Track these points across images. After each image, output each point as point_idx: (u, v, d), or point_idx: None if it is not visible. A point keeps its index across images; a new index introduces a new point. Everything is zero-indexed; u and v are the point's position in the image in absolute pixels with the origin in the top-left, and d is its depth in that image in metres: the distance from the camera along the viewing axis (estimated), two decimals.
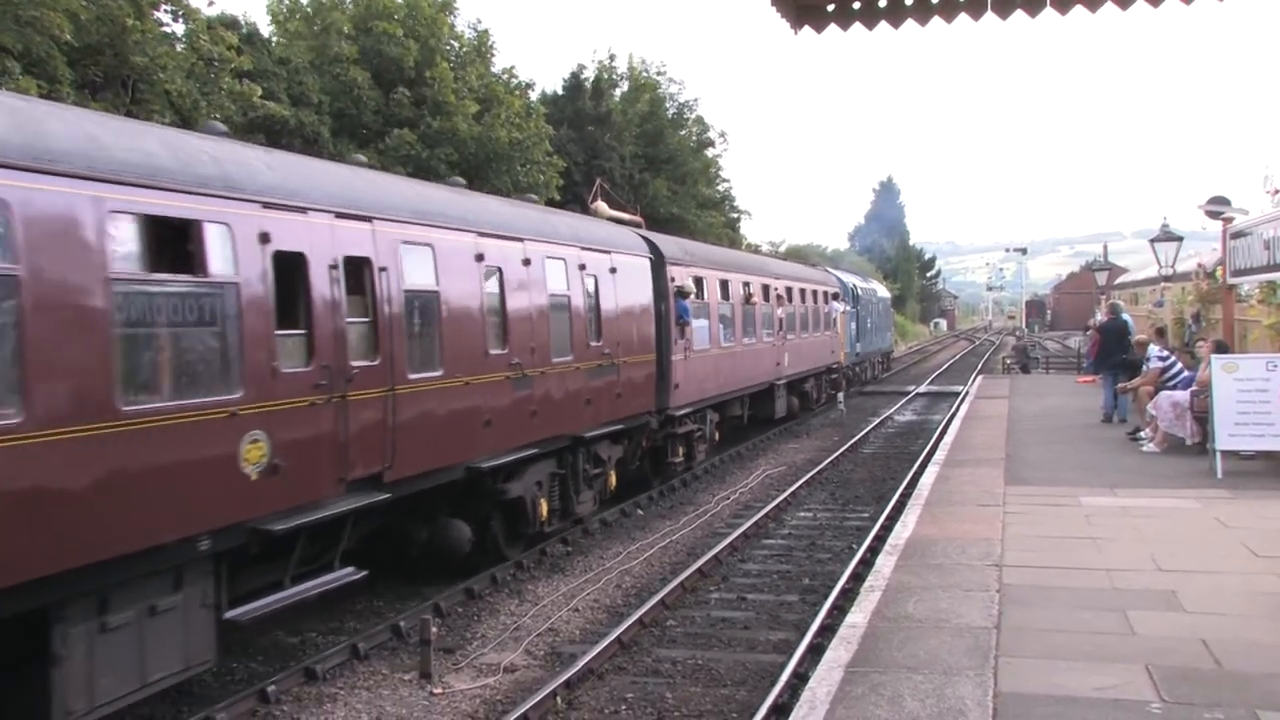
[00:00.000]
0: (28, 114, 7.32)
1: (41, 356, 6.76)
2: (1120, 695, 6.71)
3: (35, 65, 17.88)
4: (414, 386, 10.79)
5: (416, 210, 11.45)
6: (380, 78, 30.65)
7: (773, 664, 9.95)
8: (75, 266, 7.09)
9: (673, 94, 53.45)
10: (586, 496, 15.58)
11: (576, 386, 14.69)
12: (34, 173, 6.88)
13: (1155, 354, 18.95)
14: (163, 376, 7.88)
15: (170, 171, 8.04)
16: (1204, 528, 11.65)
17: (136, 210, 7.65)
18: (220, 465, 8.23)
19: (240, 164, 9.06)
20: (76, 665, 7.15)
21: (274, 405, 8.76)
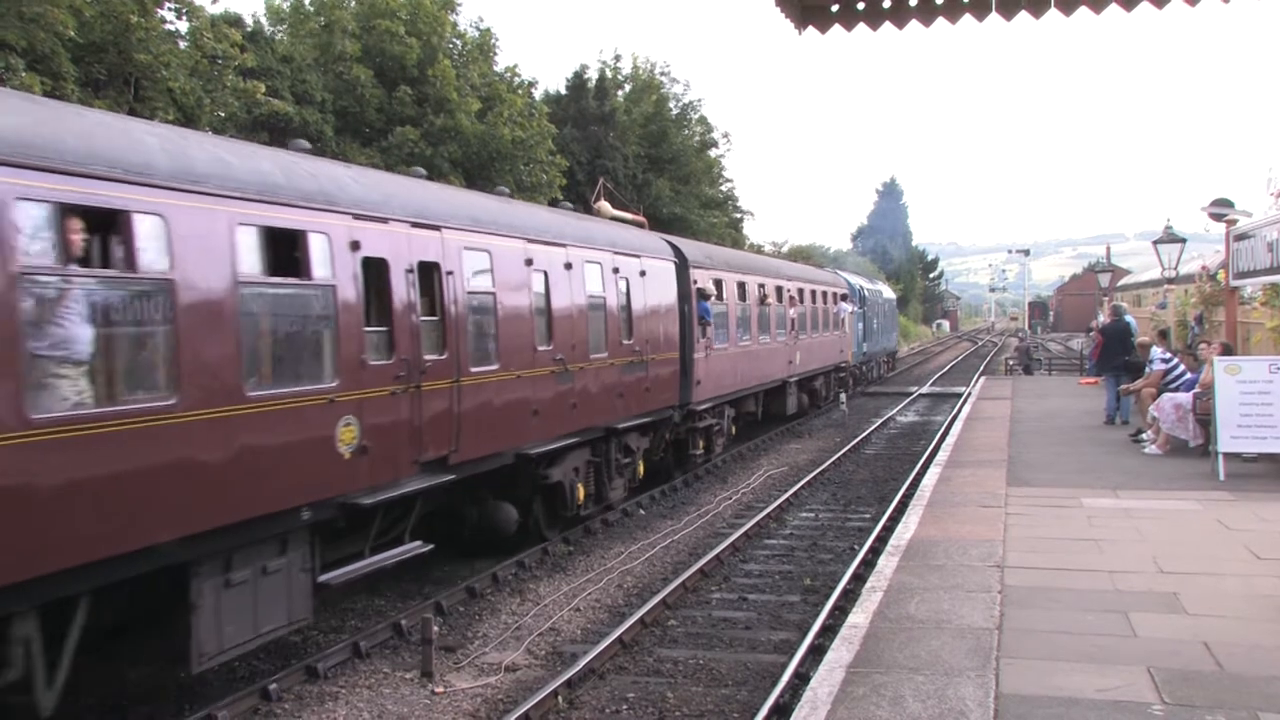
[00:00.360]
0: (176, 142, 8.54)
1: (191, 350, 7.92)
2: (1122, 697, 6.71)
3: (39, 62, 17.92)
4: (475, 379, 11.92)
5: (475, 219, 12.56)
6: (383, 76, 30.69)
7: (774, 664, 9.95)
8: (214, 272, 8.23)
9: (677, 94, 53.54)
10: (618, 484, 16.67)
11: (611, 381, 15.75)
12: (182, 192, 8.02)
13: (1158, 356, 18.96)
14: (277, 367, 9.03)
15: (281, 188, 9.19)
16: (1206, 530, 11.65)
17: (256, 222, 8.78)
18: (320, 445, 9.35)
19: (333, 180, 10.21)
20: (208, 614, 8.35)
21: (363, 393, 9.88)
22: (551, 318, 13.94)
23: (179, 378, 7.79)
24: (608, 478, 16.14)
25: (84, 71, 19.57)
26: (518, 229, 13.47)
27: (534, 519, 14.16)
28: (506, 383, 12.63)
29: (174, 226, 7.83)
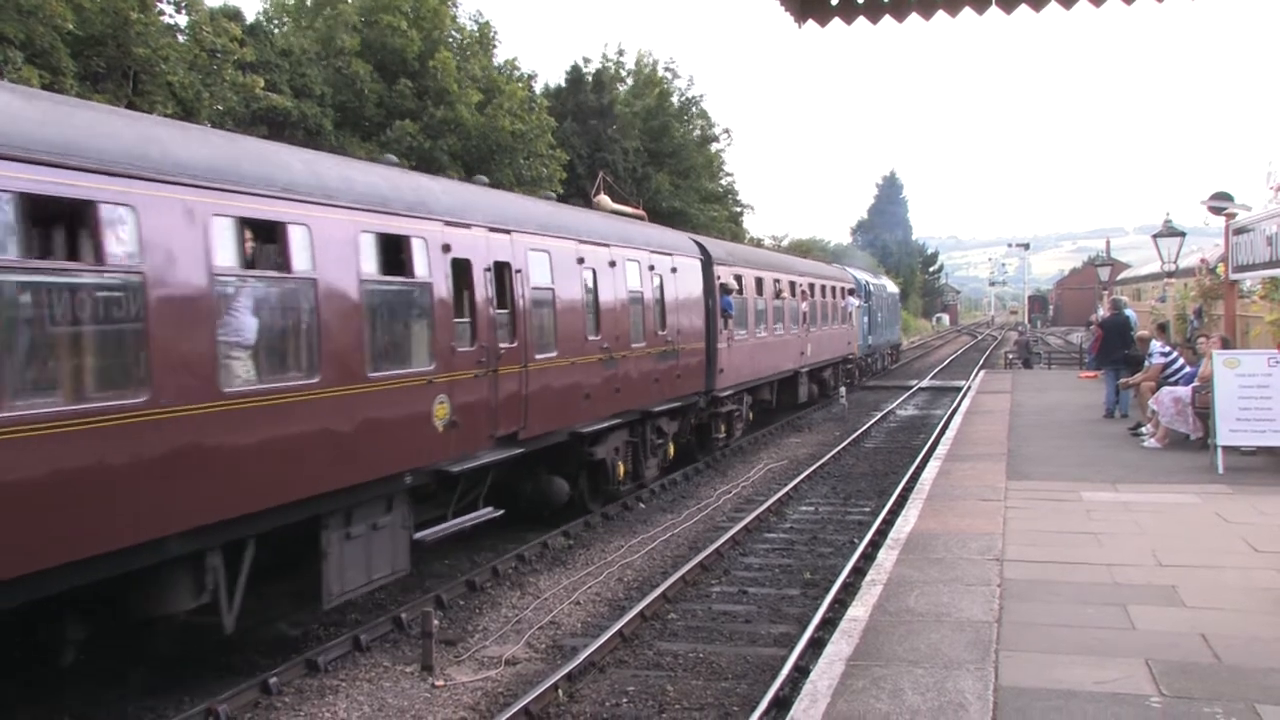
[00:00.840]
0: (312, 163, 10.13)
1: (328, 337, 9.47)
2: (1120, 689, 6.72)
3: (38, 56, 17.91)
4: (539, 364, 13.55)
5: (538, 223, 14.17)
6: (383, 69, 30.64)
7: (774, 657, 9.97)
8: (344, 272, 9.78)
9: (680, 89, 53.50)
10: (651, 463, 18.25)
11: (647, 368, 17.38)
12: (321, 205, 9.56)
13: (1157, 350, 18.97)
14: (390, 352, 10.58)
15: (390, 200, 10.76)
16: (1205, 523, 11.66)
17: (373, 229, 10.32)
18: (420, 420, 10.89)
19: (428, 191, 11.89)
20: (335, 561, 9.83)
21: (453, 376, 11.46)
22: (599, 310, 15.58)
23: (320, 361, 9.38)
24: (643, 456, 17.72)
25: (83, 65, 19.56)
26: (571, 231, 15.09)
27: (580, 492, 15.62)
28: (564, 368, 14.27)
29: (315, 234, 9.40)
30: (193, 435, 7.98)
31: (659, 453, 18.59)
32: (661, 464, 18.82)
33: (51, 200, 7.06)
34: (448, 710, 8.99)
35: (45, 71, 17.64)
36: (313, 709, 8.99)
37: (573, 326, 14.64)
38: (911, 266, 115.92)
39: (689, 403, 19.56)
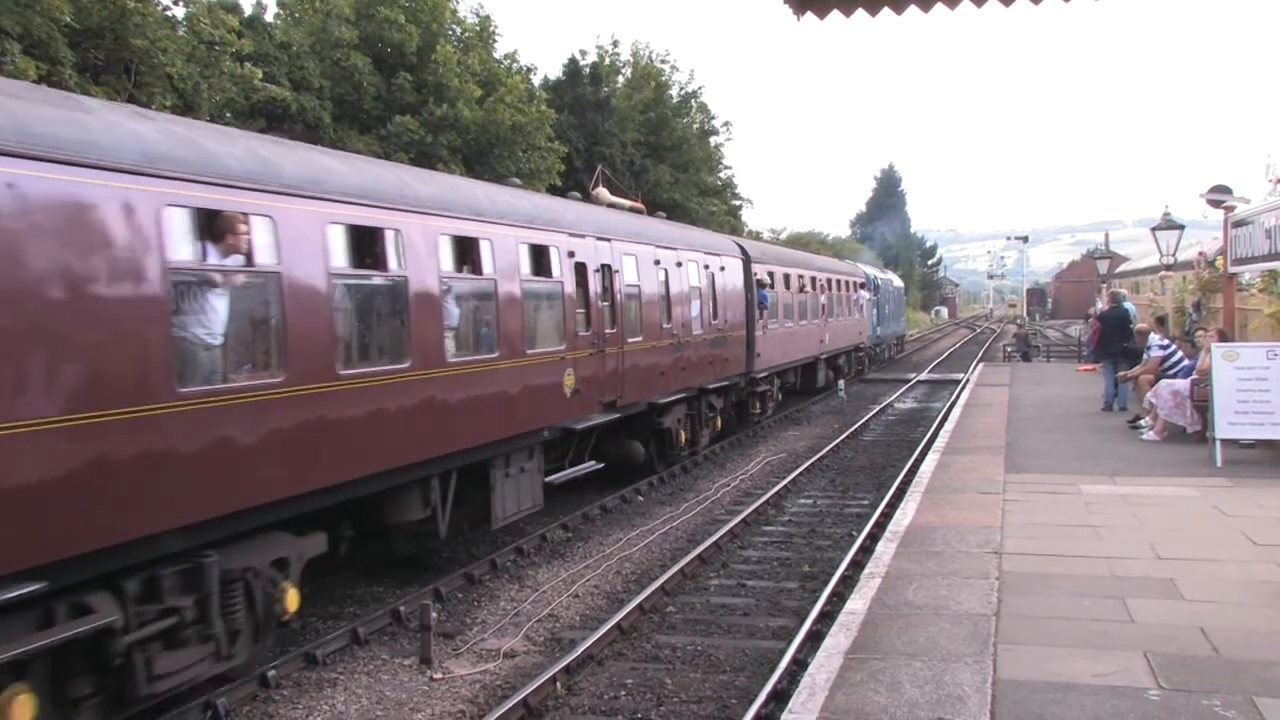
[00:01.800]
0: (490, 190, 13.74)
1: (504, 324, 12.60)
2: (1119, 682, 6.73)
3: (36, 47, 17.86)
4: (631, 347, 16.71)
5: (627, 232, 17.47)
6: (381, 64, 30.57)
7: (772, 650, 9.97)
8: (510, 274, 12.88)
9: (679, 81, 53.43)
10: (705, 433, 21.16)
11: (704, 352, 20.40)
12: (499, 225, 12.80)
13: (1156, 343, 18.97)
14: (538, 334, 13.63)
15: (536, 219, 14.03)
16: (1203, 516, 11.67)
17: (528, 242, 13.49)
18: (555, 387, 14.00)
19: (559, 209, 15.44)
20: (499, 493, 12.75)
21: (576, 354, 14.66)
22: (670, 303, 18.66)
23: (499, 340, 12.45)
24: (699, 427, 20.72)
25: (81, 57, 19.50)
26: (649, 238, 18.35)
27: (650, 455, 18.37)
28: (646, 350, 17.42)
29: (495, 246, 12.53)
30: (431, 390, 11.00)
31: (710, 424, 21.59)
32: (712, 434, 21.90)
33: (366, 230, 10.27)
34: (446, 703, 9.00)
35: (43, 63, 17.59)
36: (311, 702, 8.99)
37: (652, 316, 17.84)
38: (910, 259, 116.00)
39: (733, 382, 22.60)
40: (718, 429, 22.37)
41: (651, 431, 18.19)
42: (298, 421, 8.97)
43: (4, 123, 6.65)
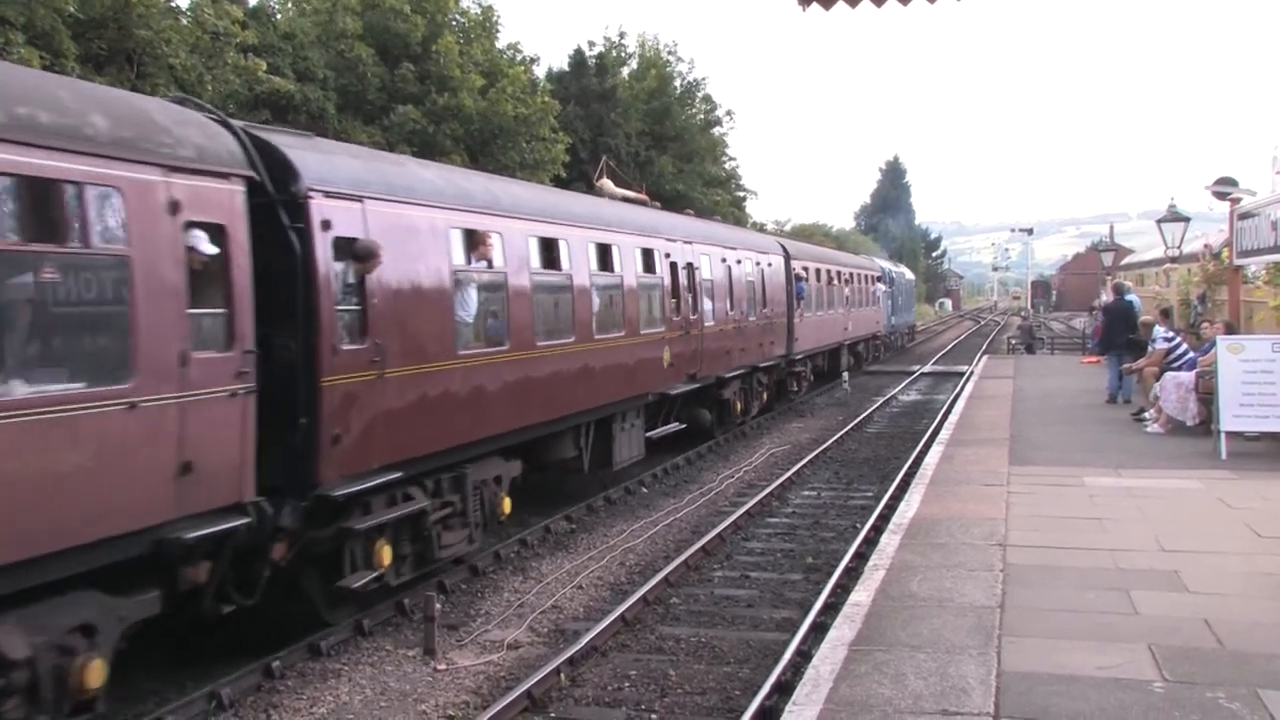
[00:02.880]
0: (620, 209, 17.90)
1: (628, 310, 16.19)
2: (1123, 674, 6.72)
3: (39, 38, 17.83)
4: (706, 330, 20.10)
5: (703, 236, 21.12)
6: (385, 54, 30.52)
7: (776, 642, 9.97)
8: (630, 272, 16.52)
9: (681, 72, 53.31)
10: (754, 405, 24.56)
11: (756, 336, 23.79)
12: (626, 234, 16.75)
13: (1161, 335, 18.93)
14: (645, 318, 17.06)
15: (646, 228, 17.97)
16: (1208, 508, 11.66)
17: (641, 246, 17.16)
18: (656, 361, 17.48)
19: (660, 220, 19.66)
20: (619, 441, 16.34)
21: (671, 334, 18.16)
22: (733, 293, 22.05)
23: (624, 322, 16.13)
24: (750, 399, 23.99)
25: (84, 48, 19.48)
26: (719, 240, 22.11)
27: (712, 422, 21.41)
28: (716, 333, 20.69)
29: (621, 252, 16.20)
30: (585, 359, 14.62)
31: (759, 398, 24.84)
32: (760, 406, 25.06)
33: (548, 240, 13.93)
34: (450, 694, 9.00)
35: (46, 54, 17.58)
36: (315, 692, 9.00)
37: (721, 305, 21.17)
38: (915, 252, 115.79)
39: (775, 363, 25.89)
40: (764, 402, 25.52)
41: (714, 401, 21.40)
42: (516, 378, 12.62)
43: (373, 178, 10.45)
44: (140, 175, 7.46)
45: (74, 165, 6.93)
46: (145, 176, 7.51)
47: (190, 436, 7.74)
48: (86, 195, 7.06)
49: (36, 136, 6.65)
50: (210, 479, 7.95)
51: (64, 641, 7.04)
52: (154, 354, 7.41)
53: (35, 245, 6.78)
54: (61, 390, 6.82)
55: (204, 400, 7.86)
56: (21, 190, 6.64)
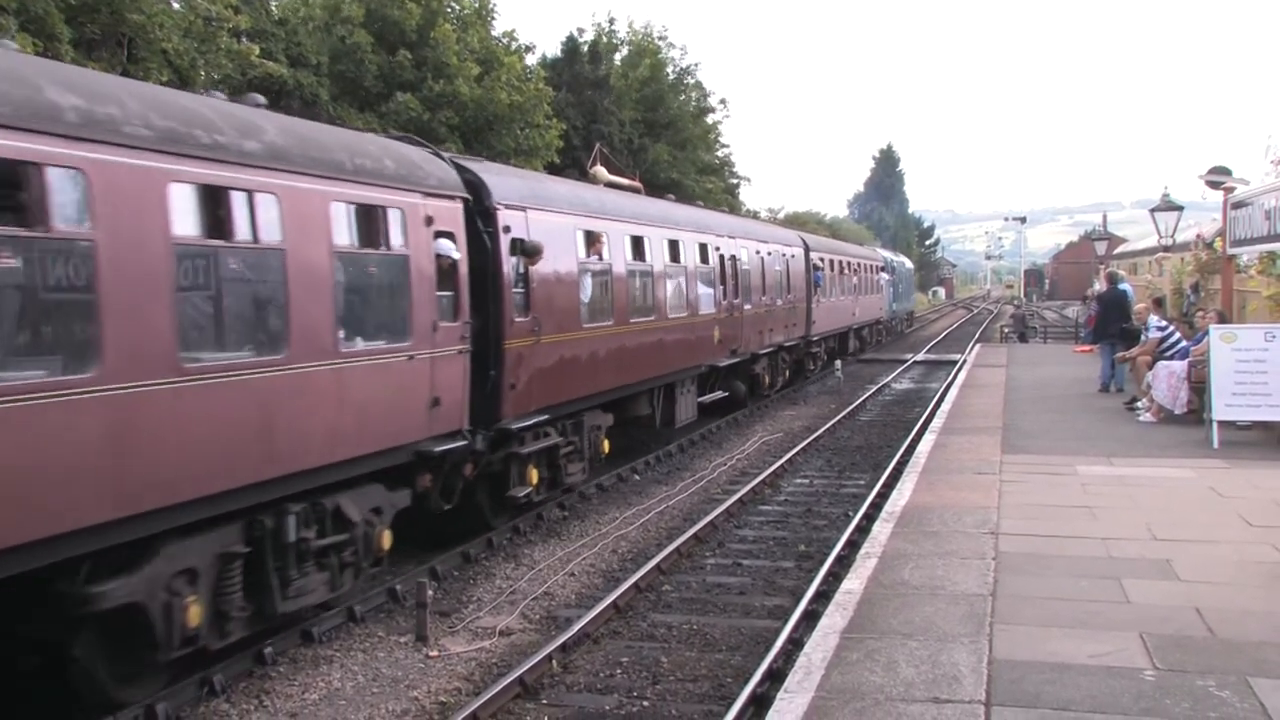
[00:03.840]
0: (665, 208, 20.54)
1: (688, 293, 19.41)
2: (1114, 662, 6.74)
3: (32, 22, 17.72)
4: (746, 313, 23.17)
5: (742, 231, 24.55)
6: (382, 40, 30.43)
7: (768, 629, 9.98)
8: (694, 262, 19.78)
9: (674, 59, 53.16)
10: (780, 379, 27.97)
11: (782, 318, 27.03)
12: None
13: (1154, 324, 18.95)
14: (702, 302, 20.07)
15: (702, 225, 21.20)
16: (1199, 497, 11.69)
17: (699, 241, 20.14)
18: (709, 338, 20.36)
19: (711, 218, 23.21)
20: (679, 403, 18.93)
21: (718, 316, 21.10)
22: (765, 281, 25.18)
23: (687, 305, 19.16)
24: (776, 374, 27.30)
25: (77, 32, 19.37)
26: (753, 234, 25.37)
27: (745, 392, 24.36)
28: (752, 316, 23.69)
29: (684, 246, 19.11)
30: (660, 334, 17.70)
31: (783, 373, 28.30)
32: (784, 379, 28.66)
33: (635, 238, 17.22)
34: (442, 680, 9.01)
35: (39, 38, 17.47)
36: (307, 679, 9.00)
37: (755, 290, 24.12)
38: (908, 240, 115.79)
39: (796, 343, 29.13)
40: (786, 378, 28.86)
41: (747, 375, 24.38)
42: (616, 347, 15.87)
43: (530, 192, 13.80)
44: (412, 199, 10.70)
45: (380, 195, 10.22)
46: (415, 200, 10.75)
47: (438, 380, 10.95)
48: (388, 214, 10.35)
49: (368, 177, 10.08)
50: (447, 412, 11.17)
51: (368, 516, 10.16)
52: (420, 322, 10.63)
53: (367, 249, 10.29)
54: (380, 345, 10.20)
55: (445, 356, 11.14)
56: (354, 214, 10.03)
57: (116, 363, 7.06)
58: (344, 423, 9.47)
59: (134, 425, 7.25)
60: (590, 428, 15.29)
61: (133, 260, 7.24)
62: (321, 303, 9.22)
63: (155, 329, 7.44)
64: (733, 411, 23.74)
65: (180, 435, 7.63)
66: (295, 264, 8.88)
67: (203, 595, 8.16)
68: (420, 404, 10.64)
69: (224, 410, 8.06)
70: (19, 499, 6.50)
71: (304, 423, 8.99)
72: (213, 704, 8.45)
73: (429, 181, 11.16)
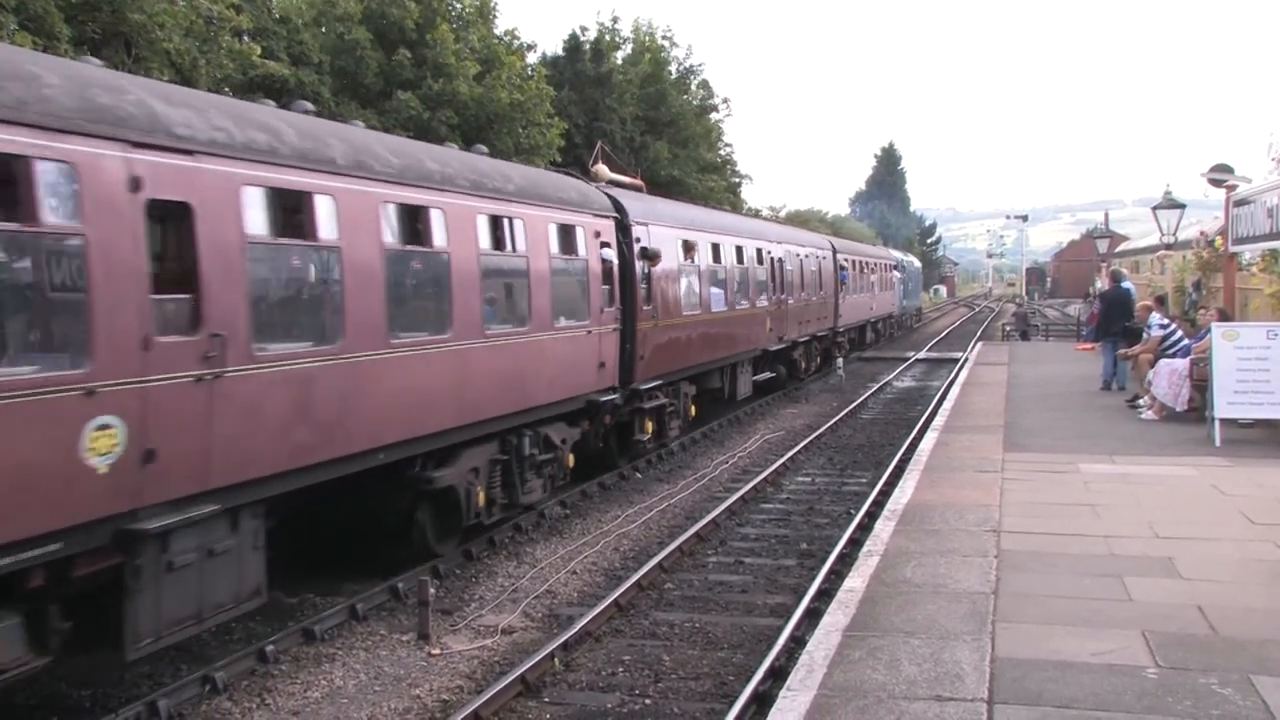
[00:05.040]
0: (735, 219, 27.92)
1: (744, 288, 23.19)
2: (1116, 660, 6.74)
3: (32, 21, 17.72)
4: (789, 306, 27.01)
5: (787, 237, 28.76)
6: (382, 38, 30.40)
7: (770, 628, 9.98)
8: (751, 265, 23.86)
9: (677, 57, 53.09)
10: (812, 364, 31.83)
11: (815, 311, 30.98)
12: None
13: (1156, 322, 18.93)
14: (754, 295, 23.92)
15: (759, 234, 25.55)
16: (1202, 495, 11.68)
17: (755, 246, 24.26)
18: (763, 327, 24.52)
19: (763, 226, 28.64)
20: (738, 381, 23.04)
21: (770, 309, 25.23)
22: (803, 279, 29.07)
23: (749, 298, 23.35)
24: (810, 359, 31.25)
25: (77, 31, 19.36)
26: (794, 240, 29.68)
27: (784, 378, 28.08)
28: (793, 309, 27.62)
29: (745, 251, 23.19)
30: (718, 328, 21.00)
31: (814, 360, 32.07)
32: (816, 366, 32.39)
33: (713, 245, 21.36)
34: (444, 679, 9.01)
35: (39, 37, 17.46)
36: (309, 677, 9.00)
37: (793, 286, 27.63)
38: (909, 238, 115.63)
39: (825, 333, 33.09)
40: (817, 364, 32.68)
41: (787, 359, 28.24)
42: (701, 332, 19.88)
43: (647, 210, 18.17)
44: (588, 220, 15.15)
45: (572, 217, 14.63)
46: (589, 220, 15.20)
47: (603, 350, 15.35)
48: (576, 231, 14.67)
49: (566, 205, 14.54)
50: (608, 373, 15.58)
51: (558, 444, 14.12)
52: (594, 307, 15.06)
53: (567, 256, 14.37)
54: (574, 324, 14.36)
55: (606, 332, 15.52)
56: (558, 231, 14.13)
57: (461, 329, 11.37)
58: (555, 375, 13.73)
59: (468, 367, 11.50)
60: (684, 394, 19.65)
61: (466, 264, 11.63)
62: (545, 294, 13.52)
63: (516, 310, 13.09)
64: (774, 391, 27.69)
65: (483, 377, 11.84)
66: (534, 268, 13.29)
67: (483, 485, 12.26)
68: (592, 366, 15.10)
69: (500, 362, 12.22)
70: (419, 408, 10.69)
71: (536, 374, 13.20)
72: (215, 701, 8.46)
73: (596, 206, 15.78)
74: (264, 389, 8.55)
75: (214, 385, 7.97)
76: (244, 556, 8.45)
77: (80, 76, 7.42)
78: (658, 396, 17.82)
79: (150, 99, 7.83)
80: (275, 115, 9.57)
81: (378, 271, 9.99)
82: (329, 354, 9.36)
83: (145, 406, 7.34)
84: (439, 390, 11.00)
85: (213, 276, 8.05)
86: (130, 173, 7.34)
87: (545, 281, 13.47)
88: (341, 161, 9.68)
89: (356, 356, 9.62)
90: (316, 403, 9.18)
